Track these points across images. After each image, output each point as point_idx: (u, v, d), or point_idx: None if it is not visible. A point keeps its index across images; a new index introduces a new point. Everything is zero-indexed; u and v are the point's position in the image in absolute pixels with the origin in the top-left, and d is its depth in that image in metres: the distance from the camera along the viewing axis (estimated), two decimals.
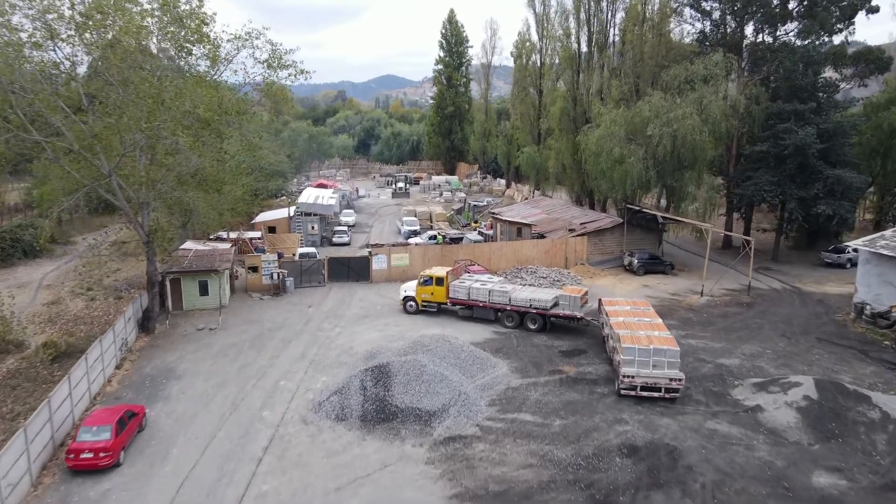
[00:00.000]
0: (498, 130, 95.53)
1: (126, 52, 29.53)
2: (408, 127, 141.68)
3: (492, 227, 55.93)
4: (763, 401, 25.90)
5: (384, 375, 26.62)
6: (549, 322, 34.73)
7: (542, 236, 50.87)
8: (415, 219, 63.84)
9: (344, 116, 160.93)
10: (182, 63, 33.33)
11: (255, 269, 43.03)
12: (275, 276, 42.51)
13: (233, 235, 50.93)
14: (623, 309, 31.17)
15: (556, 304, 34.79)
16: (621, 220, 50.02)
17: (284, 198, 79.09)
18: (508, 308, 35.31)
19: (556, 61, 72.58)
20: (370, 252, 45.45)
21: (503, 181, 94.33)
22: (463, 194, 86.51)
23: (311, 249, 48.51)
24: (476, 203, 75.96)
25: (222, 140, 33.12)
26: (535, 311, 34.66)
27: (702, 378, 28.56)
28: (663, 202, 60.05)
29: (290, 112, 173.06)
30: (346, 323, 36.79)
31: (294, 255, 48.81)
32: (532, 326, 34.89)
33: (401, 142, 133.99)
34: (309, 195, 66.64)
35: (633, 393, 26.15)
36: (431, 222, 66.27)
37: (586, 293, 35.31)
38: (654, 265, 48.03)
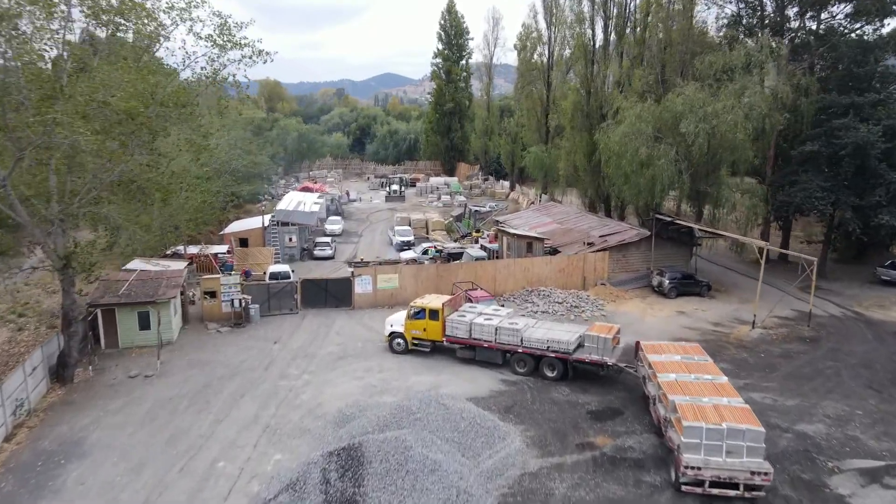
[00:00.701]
0: (501, 128, 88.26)
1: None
2: (405, 125, 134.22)
3: (496, 240, 48.74)
4: (881, 502, 18.67)
5: (355, 462, 19.38)
6: (570, 368, 27.52)
7: (555, 251, 43.60)
8: (408, 228, 56.51)
9: (339, 114, 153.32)
10: (100, 42, 26.07)
11: (212, 295, 35.75)
12: (236, 303, 35.25)
13: (193, 250, 43.59)
14: (672, 359, 23.89)
15: (579, 346, 27.59)
16: (648, 233, 42.74)
17: (267, 202, 71.90)
18: (520, 350, 28.06)
19: (567, 51, 65.33)
20: (352, 272, 38.20)
21: (507, 183, 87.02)
22: (463, 198, 79.22)
23: (284, 268, 41.20)
24: (477, 208, 68.71)
25: (154, 139, 25.83)
26: (553, 355, 27.42)
27: (782, 457, 21.31)
28: (685, 208, 52.84)
29: (284, 109, 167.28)
30: (318, 367, 29.52)
31: (264, 273, 41.50)
32: (550, 374, 27.65)
33: (397, 140, 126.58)
34: (289, 201, 59.37)
35: (698, 490, 18.89)
36: (427, 232, 58.99)
37: (618, 331, 28.05)
38: (689, 286, 40.75)
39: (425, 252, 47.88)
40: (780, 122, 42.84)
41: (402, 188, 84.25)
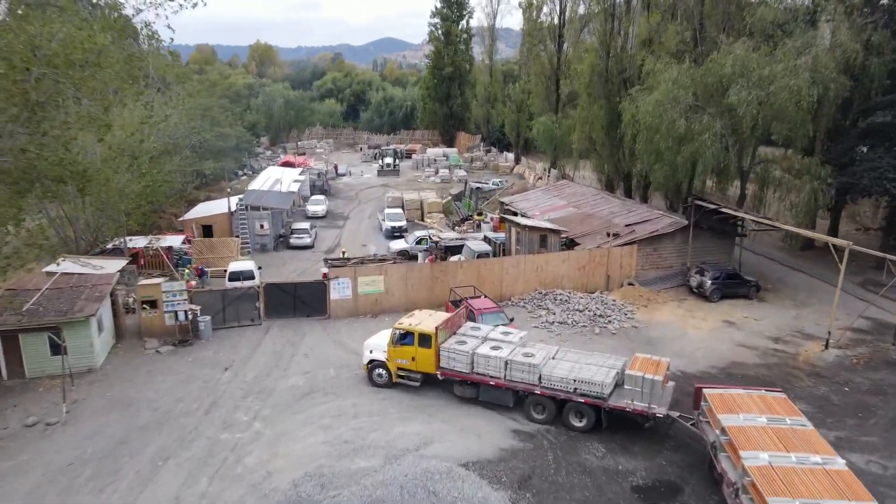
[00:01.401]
0: (505, 95, 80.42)
1: None
2: (401, 91, 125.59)
3: (501, 226, 41.68)
4: None
5: None
6: (604, 417, 20.80)
7: (572, 243, 36.59)
8: (400, 211, 49.29)
9: (332, 79, 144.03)
10: None
11: (152, 304, 28.86)
12: (181, 315, 28.37)
13: (139, 243, 36.40)
14: (755, 423, 17.05)
15: (617, 387, 20.88)
16: (685, 222, 35.66)
17: (246, 178, 64.69)
18: (538, 392, 21.32)
19: (582, 7, 57.36)
20: (326, 275, 31.24)
21: (511, 156, 79.50)
22: (463, 172, 71.78)
23: (248, 265, 34.16)
24: (479, 185, 61.42)
25: (34, 112, 18.61)
26: (582, 399, 20.69)
27: None
28: (710, 185, 45.59)
29: (276, 74, 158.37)
30: (274, 409, 22.77)
31: (226, 271, 34.46)
32: (577, 423, 20.96)
33: (393, 108, 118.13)
34: (265, 179, 52.17)
35: None
36: (423, 215, 51.80)
37: (668, 367, 21.25)
38: (734, 287, 33.89)
39: (419, 242, 40.88)
40: (845, 87, 35.44)
41: (397, 161, 76.76)
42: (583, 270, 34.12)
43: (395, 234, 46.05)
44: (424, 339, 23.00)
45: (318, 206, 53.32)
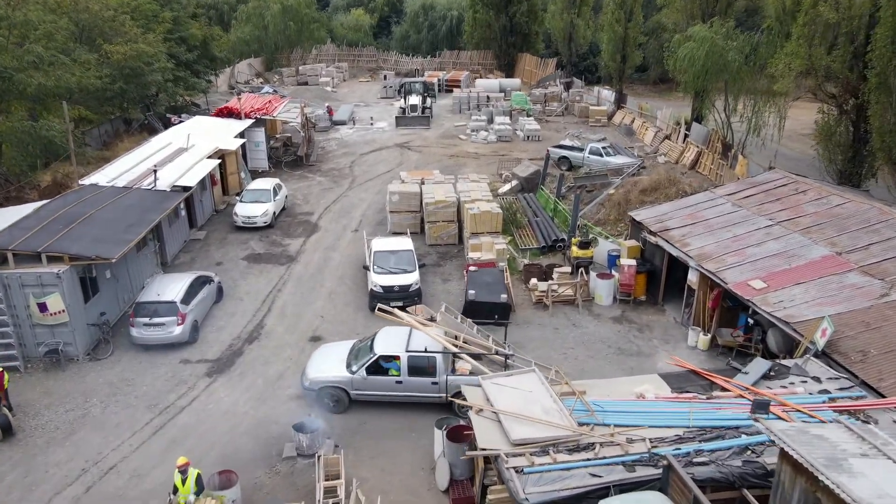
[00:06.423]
0: None
1: None
2: None
3: (639, 288, 14.95)
4: None
5: None
6: None
7: None
8: (407, 246, 22.09)
9: None
10: None
11: None
12: None
13: None
14: None
15: None
16: None
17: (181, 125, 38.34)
18: None
19: None
20: None
21: (606, 93, 50.64)
22: (534, 123, 43.88)
23: None
24: (566, 149, 34.09)
25: None
26: None
27: None
28: None
29: None
30: None
31: None
32: None
33: (434, 19, 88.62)
34: (146, 155, 26.28)
35: None
36: (460, 235, 25.06)
37: None
38: None
39: (456, 397, 14.87)
40: None
41: (428, 101, 49.19)
42: None
43: (390, 297, 19.93)
44: None
45: (255, 207, 26.98)
